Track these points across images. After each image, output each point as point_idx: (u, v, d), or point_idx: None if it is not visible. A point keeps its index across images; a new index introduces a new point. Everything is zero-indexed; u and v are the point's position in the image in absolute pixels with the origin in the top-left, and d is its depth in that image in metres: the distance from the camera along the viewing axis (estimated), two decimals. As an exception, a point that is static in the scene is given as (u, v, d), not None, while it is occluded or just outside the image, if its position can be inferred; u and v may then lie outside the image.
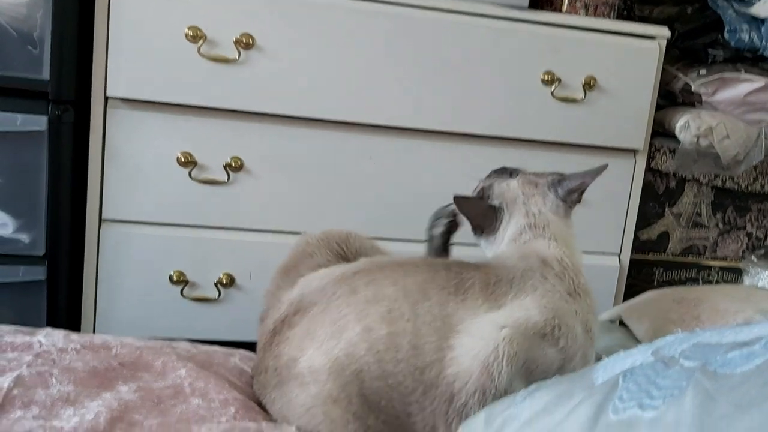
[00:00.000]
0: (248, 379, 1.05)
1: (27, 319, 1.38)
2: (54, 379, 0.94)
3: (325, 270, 1.02)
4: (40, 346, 1.02)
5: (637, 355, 0.71)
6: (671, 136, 1.82)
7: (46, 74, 1.44)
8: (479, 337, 0.87)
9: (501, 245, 1.02)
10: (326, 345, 0.89)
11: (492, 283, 0.92)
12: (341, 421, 0.88)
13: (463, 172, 1.64)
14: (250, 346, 1.14)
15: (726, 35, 1.79)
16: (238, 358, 1.13)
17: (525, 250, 0.99)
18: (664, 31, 1.70)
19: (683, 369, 0.62)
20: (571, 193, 1.06)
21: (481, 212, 1.06)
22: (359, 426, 0.88)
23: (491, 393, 0.85)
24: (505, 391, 0.85)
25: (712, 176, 1.90)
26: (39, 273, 1.50)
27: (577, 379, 0.75)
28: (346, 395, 0.87)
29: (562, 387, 0.74)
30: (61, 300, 1.52)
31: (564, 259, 0.98)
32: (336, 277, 0.96)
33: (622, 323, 1.30)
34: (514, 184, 1.06)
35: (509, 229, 1.03)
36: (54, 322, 1.50)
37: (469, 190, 1.65)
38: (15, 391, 0.90)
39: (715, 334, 0.67)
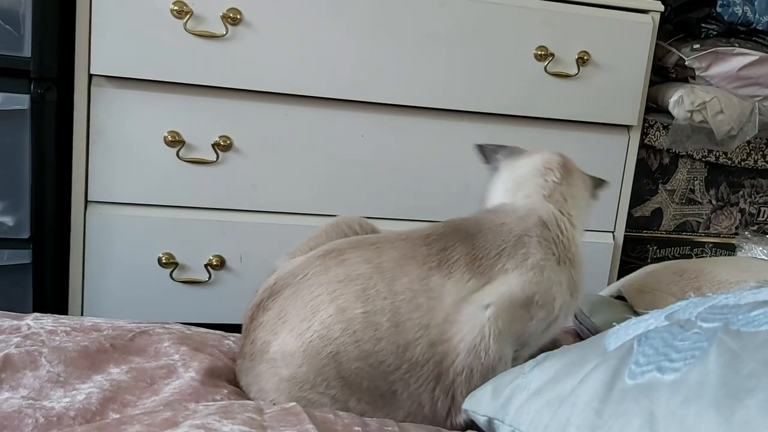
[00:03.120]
0: None
1: (12, 304, 1.34)
2: (44, 359, 0.91)
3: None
4: (29, 329, 0.99)
5: (651, 320, 0.69)
6: (665, 111, 1.81)
7: (27, 51, 1.39)
8: (465, 319, 0.86)
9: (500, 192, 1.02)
10: (299, 328, 0.86)
11: (480, 257, 0.90)
12: (317, 404, 0.85)
13: (456, 148, 1.63)
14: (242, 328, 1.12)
15: (719, 9, 1.78)
16: (233, 340, 1.10)
17: (527, 208, 0.97)
18: (657, 5, 1.68)
19: (703, 330, 0.60)
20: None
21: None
22: (339, 408, 0.85)
23: (478, 371, 0.84)
24: (494, 367, 0.84)
25: (706, 152, 1.89)
26: (24, 256, 1.46)
27: (588, 346, 0.73)
28: (323, 379, 0.85)
29: (572, 355, 0.72)
30: (47, 284, 1.48)
31: (564, 225, 0.96)
32: (307, 258, 0.93)
33: (621, 298, 1.29)
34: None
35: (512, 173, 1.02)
36: (40, 306, 1.47)
37: (461, 166, 1.63)
38: (3, 375, 0.87)
39: (731, 296, 0.65)
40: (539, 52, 1.62)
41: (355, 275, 0.87)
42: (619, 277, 1.72)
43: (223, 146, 1.53)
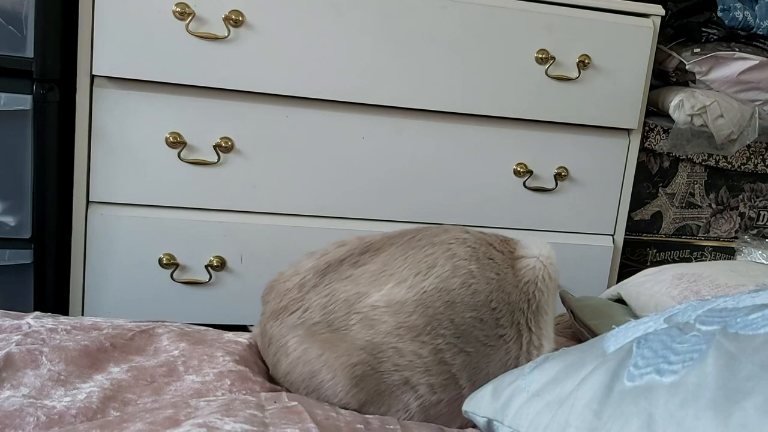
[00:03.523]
0: (243, 348, 1.02)
1: (14, 303, 1.35)
2: (44, 358, 0.91)
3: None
4: (30, 327, 0.99)
5: (650, 323, 0.69)
6: (665, 115, 1.82)
7: (30, 52, 1.40)
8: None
9: None
10: (412, 280, 0.90)
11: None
12: (410, 356, 0.87)
13: (457, 151, 1.64)
14: (242, 329, 1.12)
15: (719, 14, 1.78)
16: (232, 334, 1.10)
17: None
18: (658, 9, 1.69)
19: (701, 333, 0.60)
20: None
21: None
22: (433, 361, 0.88)
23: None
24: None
25: (706, 156, 1.90)
26: (26, 256, 1.47)
27: (587, 348, 0.73)
28: (432, 327, 0.88)
29: (572, 357, 0.72)
30: (48, 284, 1.49)
31: None
32: (405, 229, 1.00)
33: (621, 301, 1.29)
34: None
35: None
36: (41, 306, 1.47)
37: (461, 169, 1.64)
38: (4, 374, 0.87)
39: (730, 299, 0.65)
40: (540, 56, 1.62)
41: (461, 239, 0.95)
42: (618, 280, 1.72)
43: (225, 147, 1.53)
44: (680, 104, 1.75)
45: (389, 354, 0.86)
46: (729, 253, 1.96)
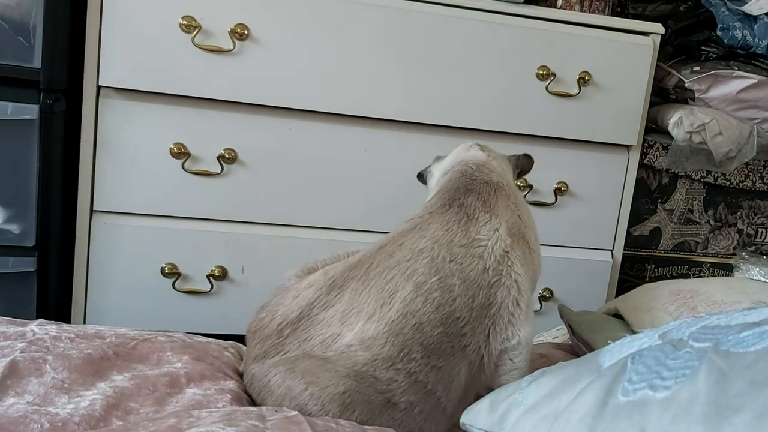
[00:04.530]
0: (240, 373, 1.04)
1: (16, 311, 1.36)
2: (48, 366, 0.92)
3: (334, 263, 1.06)
4: (34, 335, 1.00)
5: (644, 339, 0.70)
6: (664, 132, 1.83)
7: (37, 62, 1.42)
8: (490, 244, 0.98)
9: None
10: (379, 313, 0.92)
11: (485, 198, 1.02)
12: (387, 383, 0.89)
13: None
14: (242, 339, 1.13)
15: (719, 33, 1.80)
16: (231, 351, 1.12)
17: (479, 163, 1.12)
18: (658, 28, 1.71)
19: (694, 350, 0.62)
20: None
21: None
22: (410, 384, 0.90)
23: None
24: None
25: (704, 173, 1.91)
26: (29, 264, 1.48)
27: (583, 363, 0.74)
28: (405, 353, 0.90)
29: (568, 371, 0.73)
30: (51, 292, 1.50)
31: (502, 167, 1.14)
32: (363, 255, 1.00)
33: (618, 316, 1.30)
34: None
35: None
36: (44, 313, 1.48)
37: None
38: (8, 382, 0.88)
39: (723, 317, 0.67)
40: (541, 72, 1.64)
41: (418, 251, 0.95)
42: (617, 295, 1.73)
43: (228, 159, 1.55)
44: (679, 121, 1.77)
45: (370, 381, 0.89)
46: (727, 270, 1.98)
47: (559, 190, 1.72)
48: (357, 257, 1.01)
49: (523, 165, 1.23)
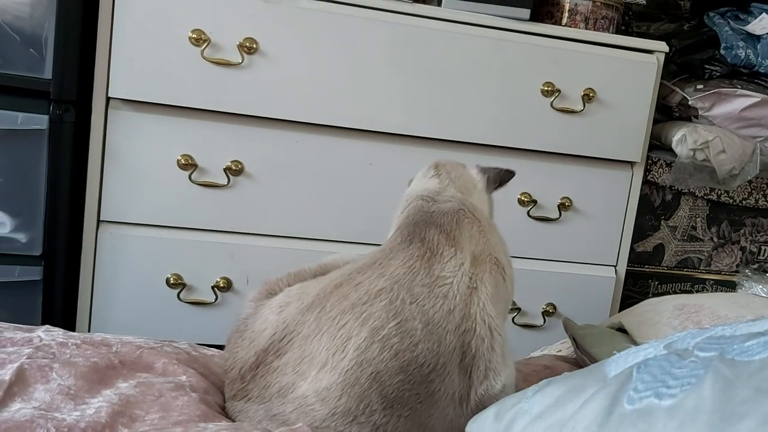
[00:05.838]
0: None
1: (22, 319, 1.35)
2: (54, 373, 0.92)
3: (292, 290, 0.99)
4: (41, 341, 1.01)
5: (650, 349, 0.71)
6: (668, 149, 1.84)
7: (48, 73, 1.44)
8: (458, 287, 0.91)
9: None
10: (332, 361, 0.84)
11: (448, 231, 0.96)
12: None
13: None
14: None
15: (722, 51, 1.82)
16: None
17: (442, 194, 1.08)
18: (662, 46, 1.72)
19: (699, 359, 0.62)
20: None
21: None
22: None
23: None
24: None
25: (708, 190, 1.92)
26: (35, 273, 1.49)
27: (588, 373, 0.75)
28: (365, 405, 0.83)
29: (574, 381, 0.73)
30: (56, 300, 1.51)
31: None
32: (316, 293, 0.92)
33: (622, 330, 1.30)
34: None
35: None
36: (49, 322, 1.47)
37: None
38: (15, 388, 0.89)
39: (727, 328, 0.67)
40: (546, 88, 1.65)
41: (375, 292, 0.88)
42: (620, 311, 1.73)
43: (235, 171, 1.56)
44: (683, 139, 1.78)
45: None
46: (730, 287, 1.98)
47: (563, 206, 1.73)
48: (310, 298, 0.92)
49: (502, 178, 1.18)
